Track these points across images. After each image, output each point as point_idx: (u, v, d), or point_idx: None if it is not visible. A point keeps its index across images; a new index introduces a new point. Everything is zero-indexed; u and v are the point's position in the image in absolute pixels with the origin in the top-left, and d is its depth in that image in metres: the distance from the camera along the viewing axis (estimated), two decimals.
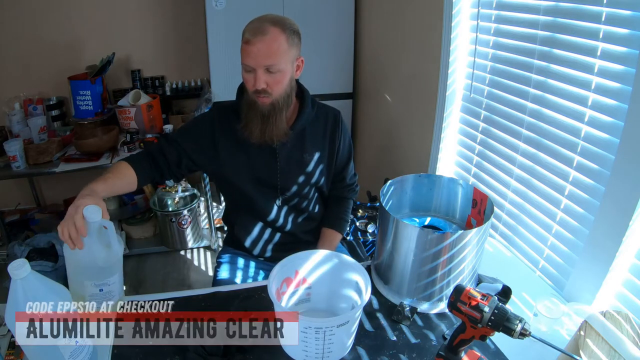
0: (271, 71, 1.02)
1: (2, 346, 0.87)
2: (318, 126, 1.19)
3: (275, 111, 1.07)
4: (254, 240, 1.25)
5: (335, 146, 1.21)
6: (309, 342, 0.79)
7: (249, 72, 1.04)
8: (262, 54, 1.00)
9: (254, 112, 1.08)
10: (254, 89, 1.04)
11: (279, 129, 1.09)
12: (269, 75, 1.03)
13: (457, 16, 1.45)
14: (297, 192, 1.20)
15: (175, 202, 2.36)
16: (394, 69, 2.04)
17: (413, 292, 0.99)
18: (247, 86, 1.06)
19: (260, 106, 1.06)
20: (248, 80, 1.05)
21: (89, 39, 2.46)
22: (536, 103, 1.18)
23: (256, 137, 1.09)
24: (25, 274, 0.69)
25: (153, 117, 2.30)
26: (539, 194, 1.20)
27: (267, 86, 1.03)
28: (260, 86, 1.02)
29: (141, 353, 0.85)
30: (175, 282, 2.29)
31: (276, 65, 1.01)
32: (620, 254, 0.95)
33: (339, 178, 1.29)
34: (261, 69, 1.01)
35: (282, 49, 1.01)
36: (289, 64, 1.05)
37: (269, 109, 1.07)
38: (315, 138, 1.19)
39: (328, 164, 1.22)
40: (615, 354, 0.74)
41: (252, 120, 1.08)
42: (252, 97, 1.07)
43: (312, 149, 1.18)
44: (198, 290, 1.05)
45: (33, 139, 2.17)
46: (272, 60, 1.01)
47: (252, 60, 1.01)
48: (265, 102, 1.06)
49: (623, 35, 0.92)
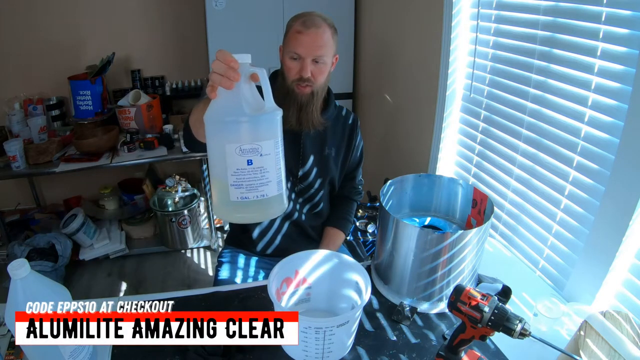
0: (317, 62, 1.08)
1: (2, 346, 0.87)
2: (338, 126, 1.26)
3: (314, 100, 1.12)
4: (263, 230, 1.27)
5: (351, 147, 1.28)
6: (309, 342, 0.79)
7: (295, 60, 1.08)
8: (315, 44, 1.05)
9: (290, 100, 1.11)
10: (299, 76, 1.08)
11: (315, 118, 1.14)
12: (315, 66, 1.08)
13: (457, 16, 1.45)
14: (312, 182, 1.24)
15: (175, 202, 2.36)
16: (394, 69, 2.04)
17: (413, 292, 0.99)
18: (289, 73, 1.10)
19: (298, 94, 1.11)
20: (292, 68, 1.09)
21: (89, 39, 2.46)
22: (536, 103, 1.18)
23: (291, 124, 1.12)
24: (25, 274, 0.69)
25: (153, 117, 2.30)
26: (539, 194, 1.20)
27: (312, 75, 1.08)
28: (307, 74, 1.07)
29: (141, 353, 0.85)
30: (175, 282, 2.29)
31: (324, 56, 1.08)
32: (620, 254, 0.95)
33: (350, 177, 1.35)
34: (310, 58, 1.07)
35: (329, 42, 1.08)
36: (331, 57, 1.12)
37: (308, 97, 1.11)
38: (335, 135, 1.25)
39: (343, 162, 1.29)
40: (615, 354, 0.74)
41: (289, 108, 1.11)
42: (290, 86, 1.11)
43: (332, 145, 1.25)
44: (198, 290, 1.05)
45: (33, 139, 2.18)
46: (321, 51, 1.07)
47: (303, 49, 1.06)
48: (306, 91, 1.10)
49: (623, 35, 0.92)
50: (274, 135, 0.66)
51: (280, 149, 0.67)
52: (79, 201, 2.65)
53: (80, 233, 2.33)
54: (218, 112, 0.66)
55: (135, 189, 2.64)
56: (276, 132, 0.66)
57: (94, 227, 2.43)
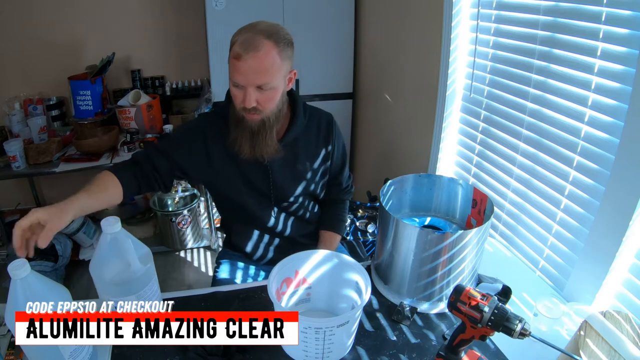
0: (263, 89, 0.95)
1: (2, 346, 0.87)
2: (311, 134, 1.14)
3: (266, 128, 1.01)
4: (254, 245, 1.25)
5: (329, 152, 1.17)
6: (309, 342, 0.79)
7: (237, 88, 0.97)
8: (254, 71, 0.92)
9: (242, 128, 1.02)
10: (243, 106, 0.97)
11: (269, 146, 1.04)
12: (260, 93, 0.96)
13: (457, 16, 1.45)
14: (293, 201, 1.18)
15: (175, 202, 2.37)
16: (394, 69, 2.04)
17: (413, 292, 0.99)
18: (235, 102, 1.00)
19: (249, 122, 1.01)
20: (237, 96, 0.98)
21: (89, 39, 2.46)
22: (536, 103, 1.18)
23: (246, 153, 1.04)
24: (25, 274, 0.69)
25: (153, 117, 2.30)
26: (539, 194, 1.20)
27: (258, 104, 0.97)
28: (250, 105, 0.96)
29: (141, 353, 0.85)
30: (175, 282, 2.29)
31: (269, 83, 0.95)
32: (620, 254, 0.95)
33: (335, 183, 1.26)
34: (252, 87, 0.95)
35: (275, 65, 0.94)
36: (282, 79, 0.98)
37: (258, 125, 1.01)
38: (308, 146, 1.14)
39: (323, 170, 1.19)
40: (615, 354, 0.74)
41: (241, 136, 1.03)
42: (240, 113, 1.01)
43: (306, 158, 1.14)
44: (198, 290, 1.05)
45: (33, 139, 2.18)
46: (264, 78, 0.94)
47: (242, 77, 0.94)
48: (256, 118, 1.00)
49: (623, 35, 0.92)
50: (136, 290, 0.83)
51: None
52: None
53: (80, 233, 2.33)
54: (94, 269, 0.82)
55: None
56: (143, 286, 0.84)
57: (94, 227, 2.43)
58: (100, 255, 0.80)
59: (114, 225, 0.78)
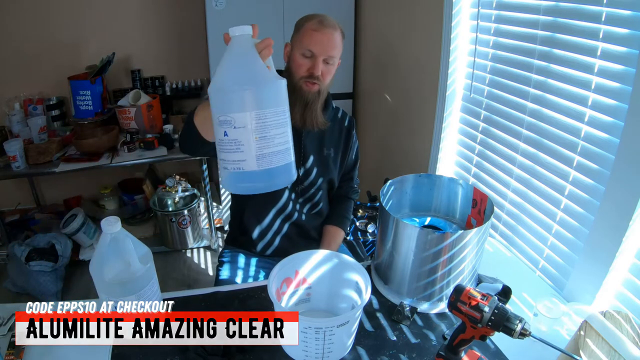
0: (328, 62, 1.10)
1: (2, 346, 0.87)
2: (336, 126, 1.26)
3: (319, 99, 1.14)
4: (262, 230, 1.27)
5: (348, 148, 1.30)
6: (309, 342, 0.79)
7: (307, 58, 1.09)
8: (330, 44, 1.08)
9: (296, 97, 1.11)
10: (308, 73, 1.09)
11: (318, 116, 1.16)
12: (325, 66, 1.10)
13: (457, 16, 1.45)
14: (313, 182, 1.24)
15: (175, 202, 2.37)
16: (394, 68, 2.04)
17: (413, 292, 0.99)
18: (298, 70, 1.10)
19: (305, 92, 1.11)
20: (302, 65, 1.10)
21: (89, 39, 2.46)
22: (536, 103, 1.18)
23: (296, 121, 1.12)
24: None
25: (153, 117, 2.30)
26: (539, 194, 1.20)
27: (321, 74, 1.10)
28: (318, 72, 1.08)
29: (141, 353, 0.85)
30: (175, 282, 2.29)
31: (334, 57, 1.10)
32: (620, 254, 0.95)
33: (347, 177, 1.36)
34: (322, 57, 1.08)
35: (340, 45, 1.11)
36: (338, 60, 1.13)
37: (314, 95, 1.12)
38: (333, 136, 1.26)
39: (341, 162, 1.30)
40: (615, 354, 0.74)
41: (294, 106, 1.08)
42: (297, 83, 1.11)
43: (330, 145, 1.26)
44: (198, 290, 1.05)
45: (33, 139, 2.17)
46: (334, 52, 1.09)
47: (318, 47, 1.07)
48: (314, 88, 1.11)
49: (623, 35, 0.92)
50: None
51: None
52: (79, 201, 2.65)
53: (81, 233, 2.33)
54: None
55: (135, 189, 2.64)
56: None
57: (94, 227, 2.43)
58: (100, 255, 0.80)
59: (114, 225, 0.79)
